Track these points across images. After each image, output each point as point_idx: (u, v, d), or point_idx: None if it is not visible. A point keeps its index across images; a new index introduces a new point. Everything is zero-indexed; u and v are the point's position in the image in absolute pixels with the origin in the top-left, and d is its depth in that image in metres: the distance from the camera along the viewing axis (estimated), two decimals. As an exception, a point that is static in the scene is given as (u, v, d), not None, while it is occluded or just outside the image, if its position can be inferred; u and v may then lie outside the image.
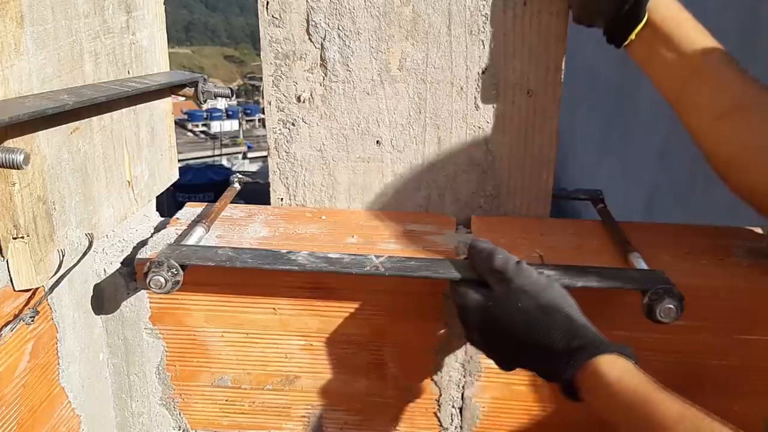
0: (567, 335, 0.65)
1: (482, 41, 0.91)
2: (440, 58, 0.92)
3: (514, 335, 0.67)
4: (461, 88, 0.93)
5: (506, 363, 0.70)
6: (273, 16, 0.91)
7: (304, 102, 0.95)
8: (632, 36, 0.80)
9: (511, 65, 0.92)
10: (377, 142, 0.97)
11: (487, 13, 0.90)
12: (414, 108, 0.95)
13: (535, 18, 0.90)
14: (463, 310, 0.72)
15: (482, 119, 0.95)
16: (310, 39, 0.92)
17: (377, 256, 0.76)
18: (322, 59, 0.93)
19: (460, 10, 0.90)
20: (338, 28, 0.91)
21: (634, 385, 0.60)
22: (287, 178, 1.00)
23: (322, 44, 0.92)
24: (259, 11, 0.92)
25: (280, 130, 0.97)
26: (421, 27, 0.91)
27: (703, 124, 0.80)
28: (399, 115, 0.95)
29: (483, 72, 0.92)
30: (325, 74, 0.94)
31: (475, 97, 0.94)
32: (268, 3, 0.91)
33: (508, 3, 0.89)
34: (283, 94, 0.95)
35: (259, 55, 0.95)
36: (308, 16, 0.91)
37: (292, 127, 0.97)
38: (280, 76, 0.94)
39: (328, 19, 0.91)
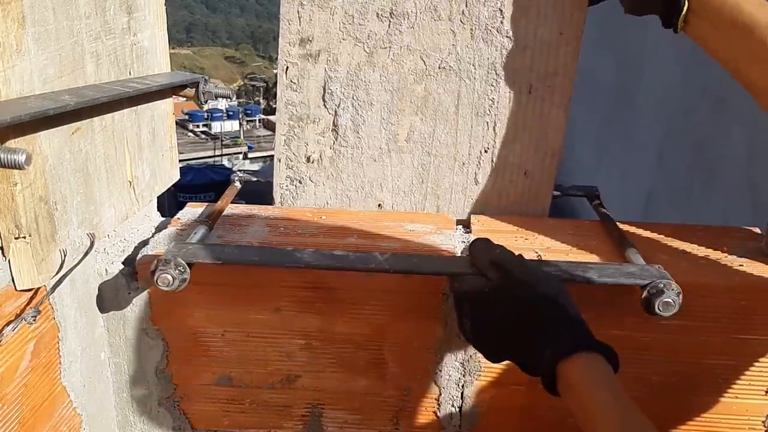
0: (558, 328, 0.65)
1: (487, 123, 0.95)
2: (446, 135, 0.96)
3: (506, 322, 0.67)
4: (463, 164, 0.97)
5: (494, 353, 0.70)
6: (291, 81, 0.94)
7: (312, 162, 0.98)
8: (681, 23, 0.79)
9: (511, 147, 0.96)
10: (379, 205, 1.00)
11: (493, 98, 0.93)
12: (417, 177, 0.99)
13: (537, 106, 0.94)
14: (459, 296, 0.72)
15: (480, 193, 0.99)
16: (324, 105, 0.95)
17: (381, 254, 0.77)
18: (335, 125, 0.96)
19: (469, 92, 0.93)
20: (353, 98, 0.95)
21: (599, 393, 0.60)
22: None
23: (335, 111, 0.95)
24: (278, 74, 0.95)
25: (287, 186, 1.00)
26: (431, 105, 0.94)
27: (763, 102, 0.77)
28: (402, 182, 0.99)
29: (485, 151, 0.96)
30: (336, 138, 0.97)
31: (475, 173, 0.98)
32: (287, 68, 0.94)
33: (515, 90, 0.93)
34: (294, 153, 0.98)
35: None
36: (325, 84, 0.94)
37: (299, 184, 1.00)
38: (293, 137, 0.98)
39: (344, 89, 0.94)
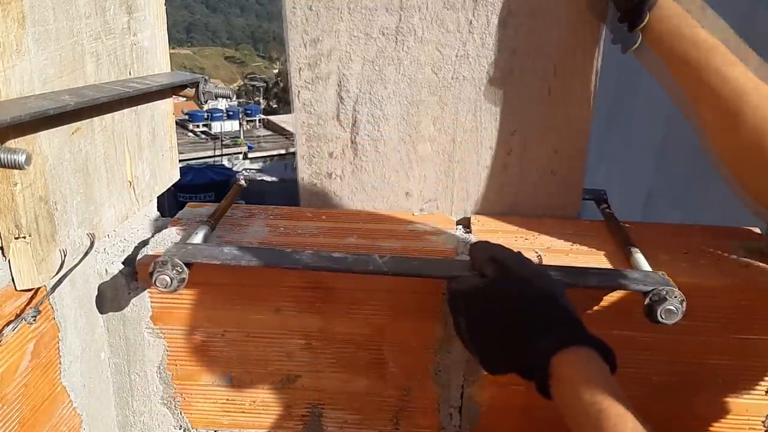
0: (553, 322, 0.64)
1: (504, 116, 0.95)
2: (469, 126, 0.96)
3: (501, 318, 0.66)
4: (486, 167, 0.98)
5: (490, 354, 0.67)
6: (304, 104, 0.96)
7: (335, 178, 1.00)
8: (637, 39, 0.79)
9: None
10: (406, 194, 1.00)
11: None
12: (442, 184, 1.00)
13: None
14: (454, 295, 0.70)
15: (508, 193, 0.99)
16: (342, 101, 0.96)
17: (380, 256, 0.77)
18: (354, 120, 0.97)
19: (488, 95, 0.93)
20: (369, 93, 0.95)
21: (591, 388, 0.58)
22: None
23: (354, 106, 0.96)
24: (292, 99, 0.96)
25: (313, 202, 1.02)
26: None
27: (705, 136, 0.78)
28: (427, 187, 1.00)
29: (513, 133, 0.96)
30: (358, 133, 0.97)
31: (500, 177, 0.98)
32: (299, 92, 0.95)
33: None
34: (315, 171, 1.01)
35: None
36: (340, 81, 0.95)
37: (325, 199, 1.01)
38: (313, 154, 1.00)
39: (360, 84, 0.94)
